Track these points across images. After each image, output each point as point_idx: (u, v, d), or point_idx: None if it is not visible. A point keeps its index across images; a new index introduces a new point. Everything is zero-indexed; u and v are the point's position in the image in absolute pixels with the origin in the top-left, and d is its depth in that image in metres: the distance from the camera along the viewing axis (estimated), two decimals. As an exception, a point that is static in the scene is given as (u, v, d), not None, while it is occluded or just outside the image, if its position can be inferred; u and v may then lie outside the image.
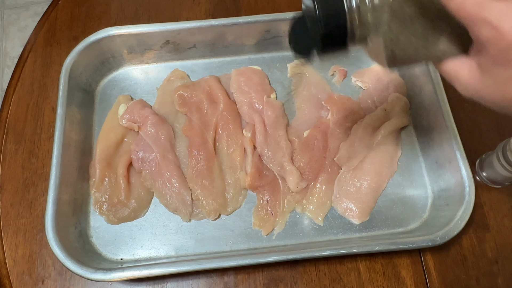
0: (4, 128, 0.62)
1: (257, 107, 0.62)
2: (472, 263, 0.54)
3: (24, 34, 1.45)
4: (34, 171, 0.59)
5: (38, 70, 0.67)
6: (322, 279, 0.53)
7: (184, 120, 0.62)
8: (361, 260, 0.54)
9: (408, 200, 0.58)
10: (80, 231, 0.55)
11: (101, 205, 0.57)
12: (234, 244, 0.55)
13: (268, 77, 0.66)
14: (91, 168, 0.59)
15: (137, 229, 0.56)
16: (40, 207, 0.57)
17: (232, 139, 0.60)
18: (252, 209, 0.57)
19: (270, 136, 0.60)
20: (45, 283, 0.53)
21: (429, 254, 0.55)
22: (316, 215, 0.56)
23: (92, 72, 0.64)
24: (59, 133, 0.55)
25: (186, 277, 0.54)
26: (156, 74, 0.67)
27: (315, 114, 0.62)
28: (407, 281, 0.53)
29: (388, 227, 0.56)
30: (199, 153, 0.59)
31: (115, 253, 0.55)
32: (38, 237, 0.56)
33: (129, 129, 0.61)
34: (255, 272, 0.54)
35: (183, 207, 0.57)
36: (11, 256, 0.55)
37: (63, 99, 0.57)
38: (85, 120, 0.62)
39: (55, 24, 0.71)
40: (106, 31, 0.61)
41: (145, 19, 0.71)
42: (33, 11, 1.49)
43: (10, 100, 0.64)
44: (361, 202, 0.57)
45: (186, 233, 0.56)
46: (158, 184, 0.57)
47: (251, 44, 0.66)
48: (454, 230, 0.50)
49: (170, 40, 0.63)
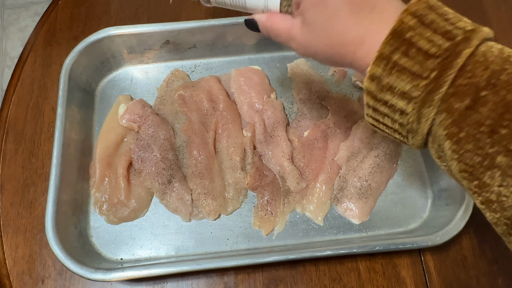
0: (4, 128, 0.62)
1: (257, 107, 0.62)
2: (472, 263, 0.54)
3: (24, 34, 1.45)
4: (34, 171, 0.59)
5: (38, 70, 0.67)
6: (322, 279, 0.53)
7: (184, 120, 0.62)
8: (361, 260, 0.54)
9: (408, 200, 0.58)
10: (80, 231, 0.55)
11: (101, 205, 0.57)
12: (234, 244, 0.55)
13: (268, 77, 0.66)
14: (91, 168, 0.59)
15: (137, 229, 0.56)
16: (40, 207, 0.57)
17: (232, 139, 0.60)
18: (252, 209, 0.57)
19: (270, 136, 0.60)
20: (45, 283, 0.53)
21: (429, 254, 0.55)
22: (316, 215, 0.56)
23: (92, 72, 0.64)
24: (59, 133, 0.55)
25: (186, 277, 0.54)
26: (156, 74, 0.67)
27: (315, 114, 0.62)
28: (407, 281, 0.53)
29: (388, 227, 0.56)
30: (199, 153, 0.59)
31: (115, 253, 0.55)
32: (38, 237, 0.56)
33: (129, 129, 0.61)
34: (255, 272, 0.54)
35: (183, 207, 0.57)
36: (11, 256, 0.55)
37: (63, 99, 0.57)
38: (85, 120, 0.62)
39: (55, 24, 0.71)
40: (106, 31, 0.61)
41: (145, 19, 0.71)
42: (33, 11, 1.49)
43: (10, 100, 0.64)
44: (361, 202, 0.57)
45: (186, 233, 0.56)
46: (158, 184, 0.57)
47: (251, 44, 0.66)
48: (454, 230, 0.50)
49: (170, 40, 0.63)
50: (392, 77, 0.31)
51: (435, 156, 0.33)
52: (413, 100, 0.30)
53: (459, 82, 0.28)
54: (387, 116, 0.33)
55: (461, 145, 0.29)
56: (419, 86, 0.29)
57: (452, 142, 0.29)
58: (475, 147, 0.28)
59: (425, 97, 0.29)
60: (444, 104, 0.29)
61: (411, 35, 0.30)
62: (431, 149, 0.33)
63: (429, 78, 0.29)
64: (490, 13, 0.71)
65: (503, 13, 0.71)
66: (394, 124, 0.33)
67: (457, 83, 0.28)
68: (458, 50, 0.28)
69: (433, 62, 0.29)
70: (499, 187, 0.28)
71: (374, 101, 0.33)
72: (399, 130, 0.33)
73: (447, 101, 0.29)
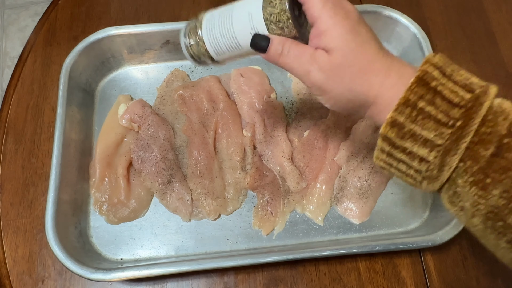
0: (4, 128, 0.62)
1: (257, 107, 0.62)
2: (472, 263, 0.54)
3: (24, 34, 1.45)
4: (34, 171, 0.59)
5: (38, 70, 0.67)
6: (322, 279, 0.53)
7: (184, 120, 0.62)
8: (361, 260, 0.54)
9: (408, 200, 0.58)
10: (80, 231, 0.55)
11: (101, 205, 0.57)
12: (234, 244, 0.55)
13: (268, 77, 0.66)
14: (91, 168, 0.59)
15: (137, 229, 0.56)
16: (40, 207, 0.57)
17: (232, 139, 0.60)
18: (252, 209, 0.57)
19: (270, 136, 0.60)
20: (45, 283, 0.53)
21: (429, 254, 0.55)
22: (316, 215, 0.56)
23: (92, 72, 0.64)
24: (59, 133, 0.55)
25: (186, 277, 0.54)
26: (156, 74, 0.66)
27: (315, 114, 0.62)
28: (407, 281, 0.53)
29: (388, 227, 0.56)
30: (199, 153, 0.59)
31: (115, 253, 0.55)
32: (38, 237, 0.56)
33: (129, 129, 0.61)
34: (255, 272, 0.54)
35: (183, 207, 0.57)
36: (11, 256, 0.55)
37: (63, 99, 0.57)
38: (85, 120, 0.62)
39: (55, 24, 0.71)
40: (106, 31, 0.61)
41: (145, 19, 0.71)
42: (33, 11, 1.49)
43: (10, 100, 0.64)
44: (361, 202, 0.57)
45: (186, 233, 0.56)
46: (158, 184, 0.57)
47: (251, 44, 0.66)
48: (454, 230, 0.50)
49: (170, 40, 0.63)
50: (416, 125, 0.31)
51: (447, 201, 0.34)
52: (436, 148, 0.31)
53: (483, 130, 0.30)
54: (402, 162, 0.33)
55: (488, 191, 0.30)
56: (444, 134, 0.30)
57: (478, 188, 0.30)
58: (502, 191, 0.29)
59: (449, 145, 0.30)
60: (469, 152, 0.30)
61: (436, 84, 0.31)
62: (445, 194, 0.34)
63: (455, 126, 0.30)
64: (490, 13, 0.71)
65: (503, 13, 0.71)
66: (409, 170, 0.33)
67: (480, 132, 0.30)
68: (480, 101, 0.30)
69: (458, 112, 0.30)
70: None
71: (392, 147, 0.33)
72: (414, 176, 0.33)
73: (472, 149, 0.30)
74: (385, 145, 0.33)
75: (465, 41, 0.69)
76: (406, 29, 0.62)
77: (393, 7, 0.63)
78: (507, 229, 0.30)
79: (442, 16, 0.71)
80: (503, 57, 0.67)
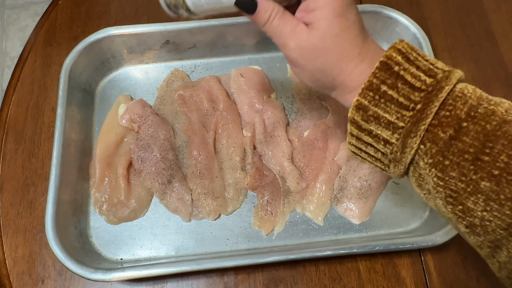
0: (4, 128, 0.62)
1: (257, 107, 0.62)
2: (472, 263, 0.54)
3: (24, 34, 1.45)
4: (34, 171, 0.59)
5: (38, 70, 0.67)
6: (322, 279, 0.53)
7: (184, 120, 0.62)
8: (361, 260, 0.54)
9: (408, 200, 0.58)
10: (80, 231, 0.55)
11: (101, 205, 0.57)
12: (234, 244, 0.55)
13: (268, 77, 0.66)
14: (91, 168, 0.59)
15: (137, 229, 0.56)
16: (40, 207, 0.57)
17: (232, 139, 0.60)
18: (252, 209, 0.57)
19: (270, 136, 0.60)
20: (45, 283, 0.53)
21: (429, 254, 0.55)
22: (316, 215, 0.56)
23: (92, 72, 0.64)
24: (59, 133, 0.55)
25: (186, 277, 0.54)
26: (156, 74, 0.67)
27: (315, 114, 0.62)
28: (407, 281, 0.53)
29: (388, 227, 0.56)
30: (199, 153, 0.59)
31: (115, 253, 0.55)
32: (38, 237, 0.56)
33: (129, 129, 0.61)
34: (255, 272, 0.54)
35: (183, 207, 0.57)
36: (11, 256, 0.55)
37: (63, 99, 0.57)
38: (85, 120, 0.62)
39: (55, 24, 0.71)
40: (106, 31, 0.61)
41: (145, 19, 0.71)
42: (33, 11, 1.49)
43: (10, 100, 0.64)
44: (361, 202, 0.57)
45: (186, 233, 0.56)
46: (158, 184, 0.57)
47: (251, 44, 0.66)
48: (454, 230, 0.50)
49: (170, 40, 0.63)
50: (379, 108, 0.32)
51: (415, 184, 0.35)
52: (398, 130, 0.32)
53: (442, 114, 0.31)
54: (370, 145, 0.34)
55: (446, 173, 0.31)
56: (405, 117, 0.31)
57: (437, 170, 0.31)
58: (460, 174, 0.30)
59: (410, 127, 0.31)
60: (429, 134, 0.31)
61: (398, 69, 0.32)
62: (412, 177, 0.34)
63: (415, 109, 0.31)
64: (490, 14, 0.71)
65: (503, 13, 0.71)
66: (377, 153, 0.34)
67: (440, 115, 0.31)
68: (440, 86, 0.31)
69: (418, 95, 0.31)
70: (483, 212, 0.29)
71: (359, 130, 0.34)
72: (382, 159, 0.35)
73: (431, 132, 0.31)
74: (353, 129, 0.35)
75: (465, 41, 0.69)
76: (406, 29, 0.62)
77: (393, 7, 0.63)
78: (465, 213, 0.31)
79: (442, 16, 0.71)
80: (503, 57, 0.67)
